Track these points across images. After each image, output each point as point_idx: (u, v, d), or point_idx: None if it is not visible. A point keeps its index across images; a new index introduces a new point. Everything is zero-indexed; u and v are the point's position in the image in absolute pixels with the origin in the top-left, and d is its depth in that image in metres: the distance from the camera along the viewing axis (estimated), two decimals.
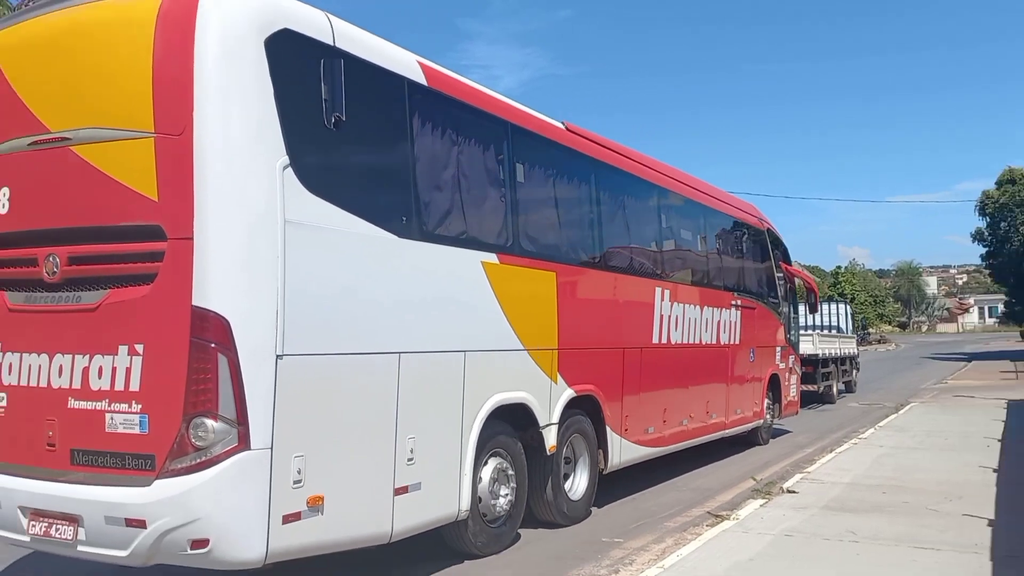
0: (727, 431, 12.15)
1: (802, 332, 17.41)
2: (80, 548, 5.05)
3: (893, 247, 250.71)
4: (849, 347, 24.21)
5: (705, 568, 6.22)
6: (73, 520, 5.01)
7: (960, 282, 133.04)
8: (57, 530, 5.08)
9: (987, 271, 63.70)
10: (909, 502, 8.48)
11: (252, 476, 4.82)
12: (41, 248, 5.26)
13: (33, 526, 5.17)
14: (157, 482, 4.78)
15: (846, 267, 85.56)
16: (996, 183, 51.00)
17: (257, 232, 4.96)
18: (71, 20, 5.35)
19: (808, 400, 18.77)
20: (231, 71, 4.96)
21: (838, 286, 72.46)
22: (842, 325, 25.62)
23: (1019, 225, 47.51)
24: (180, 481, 4.74)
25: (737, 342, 12.40)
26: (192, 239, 4.79)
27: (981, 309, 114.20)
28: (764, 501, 8.65)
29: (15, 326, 5.43)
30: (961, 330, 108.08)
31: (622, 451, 8.95)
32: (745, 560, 6.44)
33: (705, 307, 11.26)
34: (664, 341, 10.02)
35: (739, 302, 12.57)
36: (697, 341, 10.99)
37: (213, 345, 4.76)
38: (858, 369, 25.58)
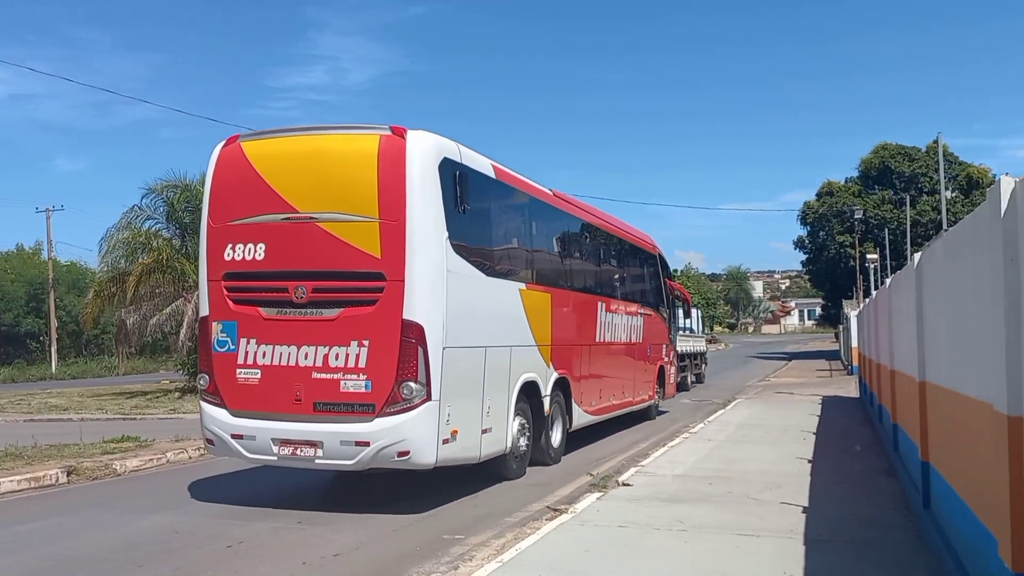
0: (633, 407, 15.89)
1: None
2: (317, 462, 8.43)
3: (724, 252, 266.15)
4: (700, 345, 28.97)
5: (541, 561, 6.32)
6: (314, 444, 8.32)
7: (783, 286, 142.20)
8: (301, 451, 8.40)
9: (807, 276, 68.51)
10: (734, 492, 8.96)
11: (431, 416, 8.17)
12: (290, 282, 8.51)
13: (282, 450, 8.46)
14: (377, 419, 8.11)
15: (682, 270, 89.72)
16: (816, 195, 55.03)
17: (437, 278, 8.37)
18: (314, 142, 8.81)
19: None
20: (424, 184, 8.36)
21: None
22: (694, 327, 28.71)
23: (835, 234, 51.46)
24: (393, 418, 8.08)
25: (641, 341, 16.28)
26: (403, 281, 8.15)
27: (801, 312, 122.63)
28: (601, 494, 8.90)
29: (268, 329, 8.61)
30: (783, 331, 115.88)
31: (579, 417, 12.53)
32: (580, 552, 6.60)
33: (623, 315, 15.12)
34: (602, 340, 13.91)
35: (643, 311, 16.50)
36: (618, 340, 14.88)
37: (414, 341, 8.10)
38: (706, 363, 30.39)
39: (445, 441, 8.40)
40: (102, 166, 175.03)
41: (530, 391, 10.65)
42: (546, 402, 11.13)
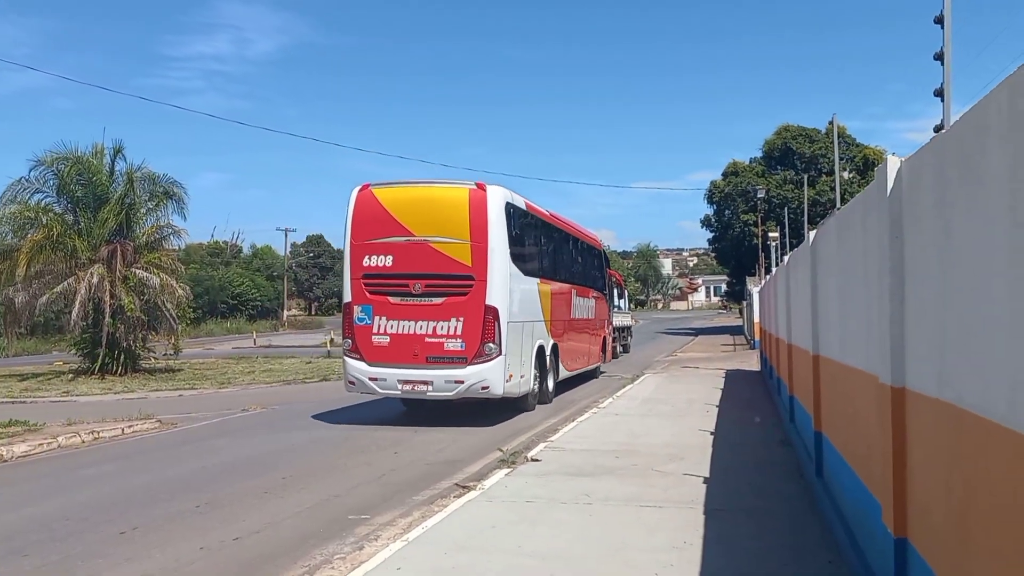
0: (588, 367, 20.60)
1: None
2: (429, 394, 12.93)
3: (635, 230, 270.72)
4: (627, 320, 33.31)
5: (447, 538, 6.30)
6: (427, 383, 12.84)
7: (691, 264, 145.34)
8: (417, 388, 12.92)
9: (713, 254, 70.08)
10: (639, 464, 9.14)
11: (501, 365, 12.89)
12: (410, 280, 12.93)
13: (404, 387, 13.03)
14: (468, 367, 12.76)
15: None
16: (722, 174, 56.27)
17: (504, 278, 12.99)
18: (425, 191, 13.48)
19: None
20: (497, 220, 12.97)
21: None
22: (622, 304, 32.23)
23: (740, 213, 52.83)
24: (479, 366, 12.77)
25: (593, 317, 21.12)
26: (486, 281, 12.75)
27: (708, 288, 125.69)
28: (509, 470, 8.95)
29: (395, 310, 13.02)
30: (691, 307, 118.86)
31: (562, 372, 17.19)
32: (487, 528, 6.61)
33: (584, 298, 20.00)
34: (574, 317, 18.74)
35: (594, 294, 21.41)
36: (583, 317, 19.74)
37: (492, 318, 12.72)
38: (632, 336, 34.68)
39: (506, 381, 13.22)
40: None
41: (539, 352, 15.27)
42: (548, 360, 15.81)
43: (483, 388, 12.91)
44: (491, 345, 12.79)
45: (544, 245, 16.39)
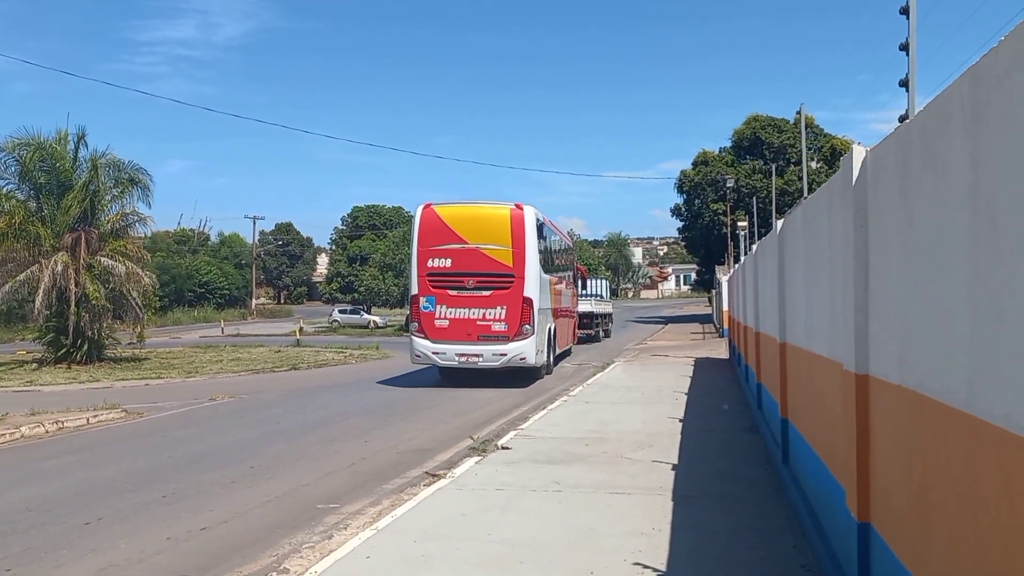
0: (567, 346, 24.56)
1: (582, 298, 30.26)
2: (480, 364, 17.43)
3: (606, 219, 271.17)
4: (607, 307, 37.36)
5: (416, 527, 6.29)
6: (478, 355, 17.41)
7: (661, 253, 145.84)
8: (471, 360, 17.42)
9: (683, 243, 70.33)
10: (608, 452, 9.19)
11: (533, 342, 17.54)
12: (464, 277, 17.46)
13: (460, 359, 17.46)
14: (510, 343, 17.38)
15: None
16: (692, 164, 56.45)
17: (536, 276, 17.74)
18: (476, 209, 18.31)
19: (585, 340, 30.90)
20: (531, 231, 17.75)
21: None
22: (603, 293, 37.07)
23: (710, 202, 53.08)
24: (518, 343, 17.37)
25: (571, 306, 25.34)
26: (524, 278, 17.49)
27: (678, 277, 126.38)
28: (480, 458, 8.95)
29: (453, 300, 17.46)
30: (661, 296, 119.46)
31: (557, 349, 20.85)
32: (457, 516, 6.60)
33: (568, 289, 23.96)
34: (563, 306, 22.58)
35: (571, 286, 25.30)
36: (566, 306, 23.59)
37: (528, 306, 17.44)
38: (612, 321, 38.56)
39: (536, 354, 17.32)
40: None
41: (548, 333, 18.86)
42: (551, 339, 19.54)
43: (521, 359, 17.19)
44: (527, 326, 17.08)
45: (552, 248, 20.79)
